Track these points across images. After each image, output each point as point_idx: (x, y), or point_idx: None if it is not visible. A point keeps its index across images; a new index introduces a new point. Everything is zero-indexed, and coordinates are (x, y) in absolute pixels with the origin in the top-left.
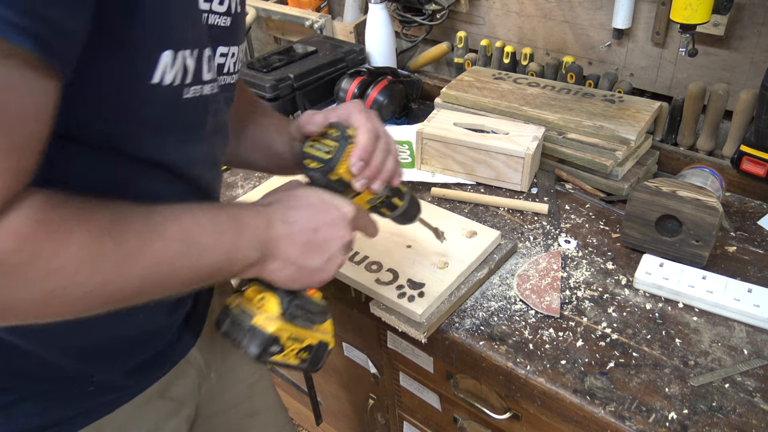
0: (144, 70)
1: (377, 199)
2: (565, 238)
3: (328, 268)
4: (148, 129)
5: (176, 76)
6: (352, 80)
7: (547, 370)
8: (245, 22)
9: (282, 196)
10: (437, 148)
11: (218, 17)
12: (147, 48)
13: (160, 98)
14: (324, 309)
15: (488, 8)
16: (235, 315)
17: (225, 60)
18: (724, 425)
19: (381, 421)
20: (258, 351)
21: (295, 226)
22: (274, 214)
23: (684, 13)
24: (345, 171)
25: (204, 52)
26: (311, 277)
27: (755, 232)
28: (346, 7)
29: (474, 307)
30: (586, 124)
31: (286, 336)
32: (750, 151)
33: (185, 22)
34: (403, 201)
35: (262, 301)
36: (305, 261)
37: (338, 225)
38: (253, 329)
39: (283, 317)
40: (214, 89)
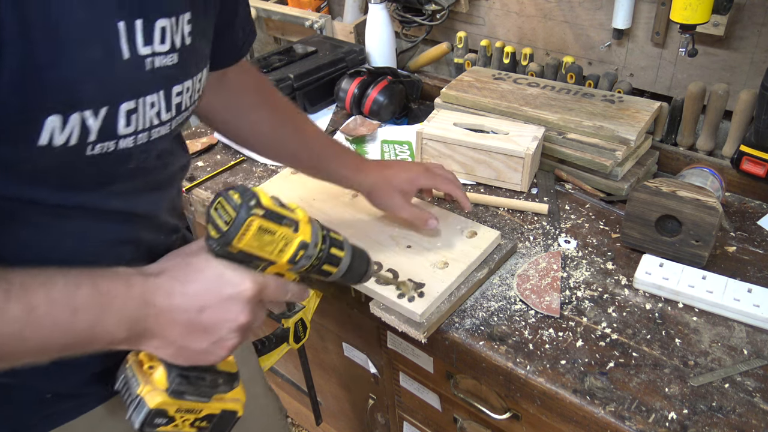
0: (27, 134)
1: (301, 266)
2: (565, 238)
3: (216, 351)
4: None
5: (71, 137)
6: (352, 80)
7: (547, 370)
8: (202, 49)
9: (176, 264)
10: (437, 148)
11: (162, 57)
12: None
13: (54, 157)
14: (230, 378)
15: (488, 8)
16: (128, 377)
17: (181, 98)
18: (724, 425)
19: (381, 421)
20: (139, 424)
21: (178, 305)
22: (157, 289)
23: (684, 13)
24: (246, 244)
25: (120, 107)
26: (196, 358)
27: (755, 232)
28: (346, 7)
29: (474, 307)
30: (586, 124)
31: (173, 410)
32: (750, 151)
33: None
34: (338, 267)
35: (151, 369)
36: (187, 342)
37: (230, 306)
38: (137, 399)
39: (167, 392)
40: (139, 141)
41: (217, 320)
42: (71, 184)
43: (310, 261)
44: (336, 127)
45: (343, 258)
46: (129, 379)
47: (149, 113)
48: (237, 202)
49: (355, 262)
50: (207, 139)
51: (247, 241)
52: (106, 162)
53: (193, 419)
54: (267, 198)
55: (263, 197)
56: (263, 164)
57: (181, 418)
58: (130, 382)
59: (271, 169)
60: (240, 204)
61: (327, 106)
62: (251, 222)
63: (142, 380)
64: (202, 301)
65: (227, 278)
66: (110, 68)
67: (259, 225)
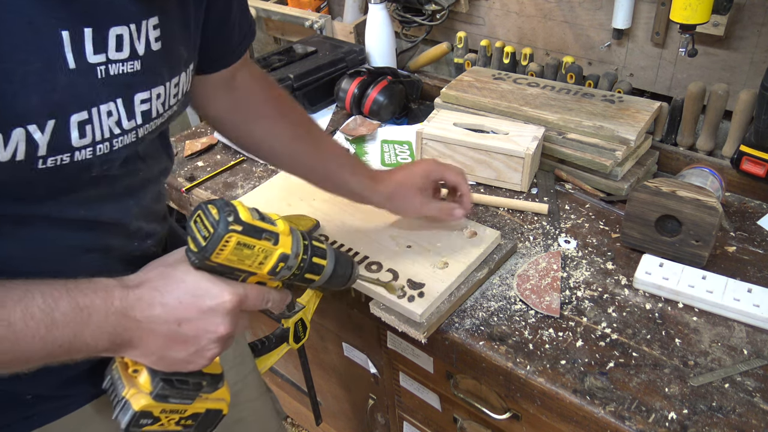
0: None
1: (281, 276)
2: (565, 238)
3: (197, 360)
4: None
5: (16, 152)
6: (352, 80)
7: (547, 370)
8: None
9: (157, 274)
10: (437, 148)
11: (120, 65)
12: None
13: (2, 171)
14: (214, 379)
15: (488, 8)
16: (114, 378)
17: (150, 105)
18: (724, 425)
19: (381, 421)
20: (125, 425)
21: (157, 317)
22: (137, 300)
23: (684, 13)
24: (225, 258)
25: (71, 119)
26: (177, 366)
27: (755, 232)
28: (346, 8)
29: (474, 307)
30: (586, 124)
31: (158, 411)
32: (750, 151)
33: (28, 96)
34: (320, 275)
35: (135, 373)
36: (167, 353)
37: (210, 318)
38: (123, 401)
39: (151, 396)
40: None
41: (197, 332)
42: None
43: (291, 271)
44: (336, 127)
45: (326, 266)
46: (115, 380)
47: (106, 123)
48: (215, 218)
49: (338, 269)
50: (207, 139)
51: (226, 255)
52: (62, 173)
53: (178, 418)
54: (246, 212)
55: (242, 212)
56: (263, 164)
57: (166, 418)
58: (116, 383)
59: (271, 169)
60: (218, 220)
61: (327, 106)
62: (229, 238)
63: (126, 383)
64: (182, 313)
65: (207, 290)
66: (52, 79)
67: (237, 240)
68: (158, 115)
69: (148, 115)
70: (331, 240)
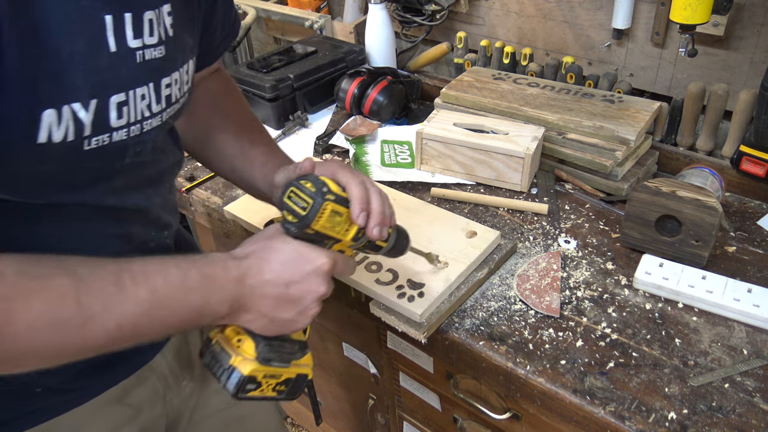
0: (27, 131)
1: (360, 243)
2: (565, 238)
3: (301, 319)
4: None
5: (68, 132)
6: (352, 80)
7: (547, 370)
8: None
9: (259, 247)
10: (437, 148)
11: (152, 50)
12: (21, 108)
13: (55, 155)
14: (302, 345)
15: (488, 8)
16: (216, 351)
17: (170, 90)
18: (724, 425)
19: (381, 421)
20: (235, 390)
21: (268, 281)
22: (248, 269)
23: (684, 13)
24: (321, 226)
25: (110, 100)
26: (283, 327)
27: (755, 232)
28: (345, 8)
29: (474, 307)
30: (586, 125)
31: (261, 375)
32: (749, 151)
33: (74, 74)
34: (388, 241)
35: (239, 342)
36: (277, 314)
37: (312, 279)
38: (230, 369)
39: (257, 360)
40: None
41: (302, 292)
42: (69, 182)
43: (366, 240)
44: (336, 127)
45: (392, 234)
46: (217, 353)
47: (140, 105)
48: (311, 190)
49: (400, 239)
50: None
51: (322, 223)
52: (103, 157)
53: (275, 384)
54: (334, 185)
55: (331, 184)
56: None
57: (266, 383)
58: (219, 356)
59: None
60: (315, 192)
61: (327, 106)
62: (326, 207)
63: (232, 353)
64: (289, 276)
65: (306, 255)
66: (95, 60)
67: (331, 209)
68: (176, 101)
69: (170, 99)
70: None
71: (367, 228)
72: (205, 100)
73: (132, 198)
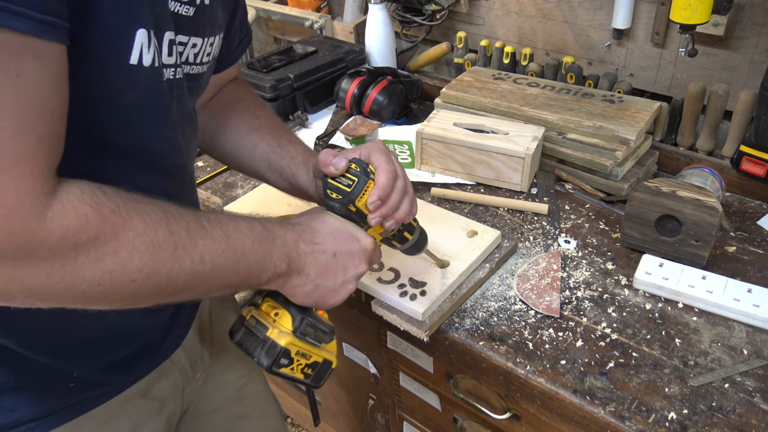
0: (120, 50)
1: (390, 232)
2: (565, 238)
3: (341, 291)
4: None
5: (154, 57)
6: (352, 80)
7: (547, 370)
8: (218, 16)
9: (309, 218)
10: (437, 148)
11: (181, 5)
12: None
13: (142, 81)
14: (331, 329)
15: (488, 8)
16: (251, 326)
17: (184, 49)
18: (724, 425)
19: (381, 421)
20: (269, 362)
21: (319, 248)
22: (302, 233)
23: (684, 13)
24: (363, 204)
25: (165, 35)
26: (325, 296)
27: (755, 232)
28: (346, 8)
29: (474, 307)
30: (586, 125)
31: (295, 351)
32: (750, 151)
33: (145, 3)
34: (413, 235)
35: (276, 316)
36: (322, 281)
37: (357, 255)
38: (266, 341)
39: (294, 333)
40: (177, 74)
41: (346, 263)
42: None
43: (398, 227)
44: (336, 127)
45: (416, 228)
46: (253, 327)
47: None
48: (356, 170)
49: (421, 235)
50: None
51: (364, 201)
52: (172, 93)
53: (304, 364)
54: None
55: (372, 168)
56: None
57: (297, 361)
58: (254, 329)
59: None
60: (359, 171)
61: (327, 106)
62: (369, 185)
63: (269, 325)
64: (337, 246)
65: (353, 232)
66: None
67: (372, 186)
68: (188, 62)
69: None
70: None
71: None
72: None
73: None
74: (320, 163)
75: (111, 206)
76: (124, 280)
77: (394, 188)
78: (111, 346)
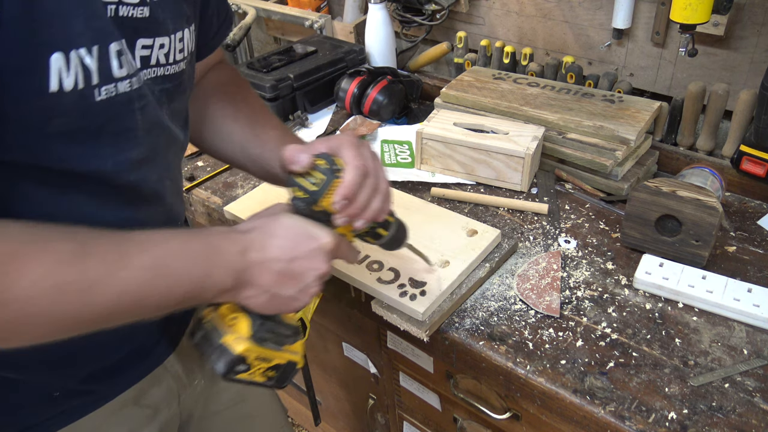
0: (37, 79)
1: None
2: (565, 238)
3: (302, 297)
4: (64, 141)
5: (77, 79)
6: (352, 80)
7: (547, 370)
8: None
9: (264, 222)
10: (437, 148)
11: (131, 8)
12: (26, 53)
13: (67, 107)
14: (296, 330)
15: (488, 8)
16: (207, 330)
17: (150, 51)
18: (724, 425)
19: (381, 421)
20: (224, 369)
21: (272, 255)
22: (252, 242)
23: (684, 13)
24: (329, 204)
25: (110, 47)
26: (284, 304)
27: (755, 232)
28: (345, 7)
29: (474, 307)
30: (586, 124)
31: (253, 356)
32: (750, 151)
33: (73, 18)
34: (389, 231)
35: (234, 320)
36: (279, 290)
37: (315, 257)
38: (221, 347)
39: (252, 339)
40: (133, 85)
41: (304, 269)
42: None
43: (369, 224)
44: (336, 127)
45: (393, 223)
46: (208, 332)
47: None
48: (324, 167)
49: (399, 230)
50: None
51: (330, 200)
52: (113, 110)
53: (264, 368)
54: (342, 163)
55: (340, 163)
56: None
57: (256, 366)
58: (210, 334)
59: None
60: (327, 168)
61: (327, 106)
62: (335, 183)
63: (225, 330)
64: (293, 252)
65: (311, 232)
66: (91, 7)
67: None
68: (158, 64)
69: (147, 60)
70: None
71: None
72: (215, 91)
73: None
74: (285, 159)
75: (7, 250)
76: (34, 322)
77: (363, 186)
78: (91, 356)
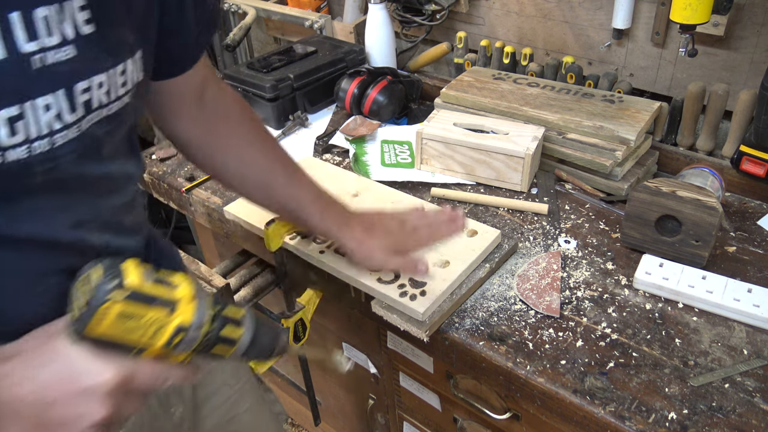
0: None
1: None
2: (565, 238)
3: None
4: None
5: None
6: (352, 80)
7: (547, 370)
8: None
9: (33, 346)
10: (437, 148)
11: (56, 52)
12: None
13: None
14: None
15: (488, 8)
16: None
17: (90, 95)
18: (724, 425)
19: (381, 421)
20: None
21: (25, 398)
22: (5, 377)
23: (684, 13)
24: (104, 331)
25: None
26: None
27: (755, 232)
28: (345, 7)
29: (474, 308)
30: (586, 125)
31: None
32: (750, 151)
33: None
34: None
35: None
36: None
37: (85, 400)
38: None
39: None
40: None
41: (68, 417)
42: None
43: (192, 345)
44: (336, 127)
45: (241, 338)
46: None
47: (44, 118)
48: (96, 282)
49: (259, 340)
50: None
51: (106, 327)
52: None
53: None
54: (137, 275)
55: (131, 274)
56: None
57: None
58: None
59: None
60: (98, 285)
61: (327, 106)
62: (108, 307)
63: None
64: (54, 393)
65: (86, 368)
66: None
67: (119, 311)
68: (101, 106)
69: (89, 105)
70: (328, 242)
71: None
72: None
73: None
74: None
75: None
76: None
77: None
78: None
